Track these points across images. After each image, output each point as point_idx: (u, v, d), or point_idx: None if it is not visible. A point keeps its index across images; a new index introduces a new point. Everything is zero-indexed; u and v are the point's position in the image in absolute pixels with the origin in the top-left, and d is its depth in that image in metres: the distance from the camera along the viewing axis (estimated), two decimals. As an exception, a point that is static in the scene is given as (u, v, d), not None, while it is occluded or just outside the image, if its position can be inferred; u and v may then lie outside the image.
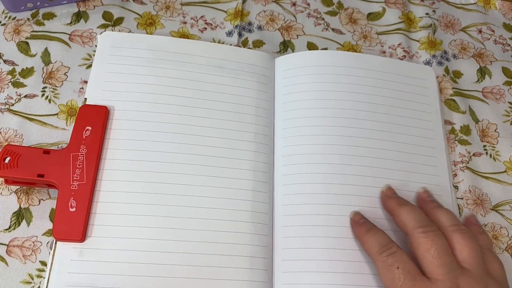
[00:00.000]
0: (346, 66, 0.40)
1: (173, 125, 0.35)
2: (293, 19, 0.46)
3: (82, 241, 0.31)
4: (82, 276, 0.30)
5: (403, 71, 0.41)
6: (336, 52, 0.43)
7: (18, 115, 0.36)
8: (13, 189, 0.34)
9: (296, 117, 0.37)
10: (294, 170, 0.35)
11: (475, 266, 0.29)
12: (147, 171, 0.34)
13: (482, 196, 0.39)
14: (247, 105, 0.37)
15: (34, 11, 0.41)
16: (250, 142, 0.36)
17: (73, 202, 0.31)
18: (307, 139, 0.36)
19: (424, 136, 0.39)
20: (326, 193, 0.35)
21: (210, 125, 0.36)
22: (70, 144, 0.33)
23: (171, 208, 0.33)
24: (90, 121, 0.34)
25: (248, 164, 0.35)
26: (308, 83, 0.39)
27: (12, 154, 0.32)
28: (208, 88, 0.37)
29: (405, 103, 0.40)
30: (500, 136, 0.42)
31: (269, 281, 0.33)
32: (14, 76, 0.38)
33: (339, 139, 0.37)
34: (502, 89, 0.45)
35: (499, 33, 0.49)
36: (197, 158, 0.35)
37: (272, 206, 0.35)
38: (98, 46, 0.38)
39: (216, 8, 0.45)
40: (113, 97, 0.36)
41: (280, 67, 0.40)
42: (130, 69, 0.37)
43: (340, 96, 0.38)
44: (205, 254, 0.32)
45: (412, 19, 0.48)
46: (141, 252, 0.31)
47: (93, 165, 0.33)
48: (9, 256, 0.32)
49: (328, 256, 0.33)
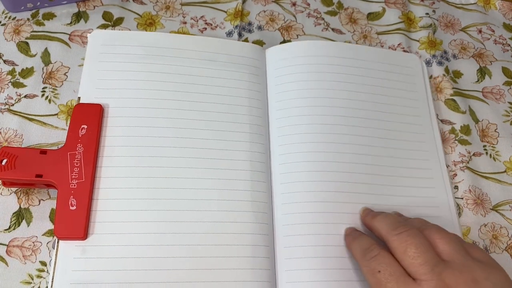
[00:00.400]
0: (336, 56, 0.41)
1: (168, 119, 0.36)
2: (293, 19, 0.46)
3: (84, 239, 0.31)
4: (86, 273, 0.30)
5: (392, 60, 0.42)
6: (326, 42, 0.44)
7: (18, 115, 0.36)
8: (13, 189, 0.34)
9: (289, 107, 0.38)
10: (290, 159, 0.36)
11: (456, 254, 0.28)
12: (144, 167, 0.34)
13: (482, 196, 0.39)
14: (240, 96, 0.38)
15: (34, 11, 0.41)
16: (246, 133, 0.36)
17: (73, 200, 0.31)
18: (302, 128, 0.37)
19: (412, 123, 0.40)
20: (322, 181, 0.35)
21: (205, 118, 0.36)
22: (66, 143, 0.33)
23: (170, 201, 0.33)
24: (86, 119, 0.34)
25: (245, 155, 0.35)
26: (300, 73, 0.39)
27: (9, 156, 0.32)
28: (201, 81, 0.38)
29: (394, 91, 0.41)
30: (500, 136, 0.42)
31: (272, 267, 0.33)
32: (14, 76, 0.38)
33: (333, 128, 0.37)
34: (502, 89, 0.45)
35: (499, 33, 0.49)
36: (194, 151, 0.35)
37: (271, 195, 0.35)
38: (89, 45, 0.38)
39: (216, 8, 0.45)
40: (106, 95, 0.36)
41: (271, 58, 0.41)
42: (122, 66, 0.37)
43: (331, 86, 0.39)
44: (207, 245, 0.32)
45: (412, 19, 0.48)
46: (143, 247, 0.32)
47: (90, 163, 0.33)
48: (9, 256, 0.32)
49: (326, 242, 0.33)
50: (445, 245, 0.28)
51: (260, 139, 0.37)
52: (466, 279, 0.27)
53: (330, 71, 0.40)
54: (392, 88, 0.41)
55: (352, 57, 0.41)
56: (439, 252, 0.28)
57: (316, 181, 0.35)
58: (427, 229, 0.30)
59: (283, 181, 0.35)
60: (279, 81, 0.39)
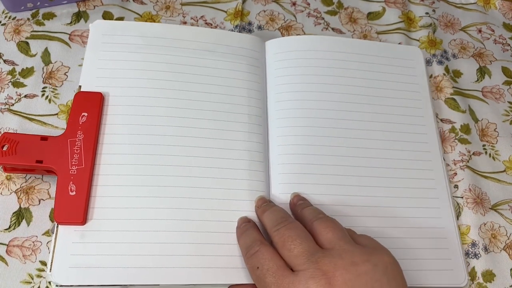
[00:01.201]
0: (336, 50, 0.41)
1: (167, 108, 0.36)
2: (293, 18, 0.46)
3: (83, 224, 0.31)
4: (85, 258, 0.31)
5: (393, 53, 0.43)
6: (326, 36, 0.44)
7: (18, 115, 0.37)
8: (13, 189, 0.34)
9: (288, 99, 0.38)
10: (288, 150, 0.36)
11: (339, 241, 0.28)
12: (144, 154, 0.34)
13: (482, 195, 0.39)
14: (239, 87, 0.38)
15: (34, 11, 0.41)
16: (244, 123, 0.37)
17: (73, 186, 0.32)
18: (301, 121, 0.37)
19: (414, 115, 0.40)
20: (320, 174, 0.36)
21: (204, 108, 0.37)
22: (67, 130, 0.34)
23: (169, 188, 0.33)
24: (86, 107, 0.35)
25: (243, 145, 0.36)
26: (300, 66, 0.40)
27: (10, 141, 0.32)
28: (200, 71, 0.38)
29: (395, 84, 0.41)
30: (500, 136, 0.42)
31: None
32: (14, 76, 0.38)
33: (332, 121, 0.38)
34: (502, 88, 0.45)
35: (499, 33, 0.49)
36: (193, 140, 0.35)
37: (269, 184, 0.36)
38: (90, 35, 0.38)
39: (216, 8, 0.45)
40: (107, 84, 0.36)
41: (271, 50, 0.41)
42: (122, 56, 0.37)
43: (331, 79, 0.40)
44: (205, 232, 0.33)
45: (412, 18, 0.48)
46: (141, 232, 0.32)
47: (90, 149, 0.33)
48: (9, 256, 0.32)
49: None
50: (329, 233, 0.28)
51: (259, 130, 0.37)
52: (345, 263, 0.26)
53: (330, 65, 0.40)
54: (394, 82, 0.41)
55: (352, 51, 0.41)
56: (321, 241, 0.28)
57: (314, 174, 0.36)
58: (316, 220, 0.30)
59: (281, 172, 0.36)
60: (278, 73, 0.40)
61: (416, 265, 0.34)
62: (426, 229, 0.35)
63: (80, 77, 0.36)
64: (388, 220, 0.35)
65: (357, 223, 0.34)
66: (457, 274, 0.35)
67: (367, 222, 0.35)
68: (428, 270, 0.34)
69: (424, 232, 0.35)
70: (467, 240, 0.37)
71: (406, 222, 0.35)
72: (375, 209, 0.35)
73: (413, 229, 0.35)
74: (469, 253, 0.37)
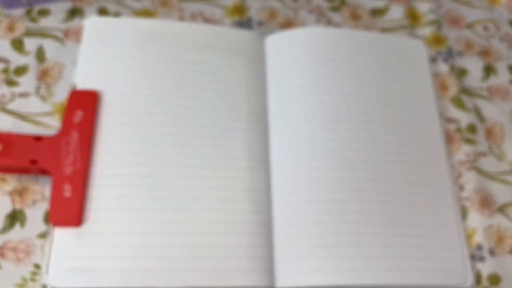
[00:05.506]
0: (338, 43, 0.40)
1: (165, 106, 0.35)
2: (294, 14, 0.45)
3: (79, 226, 0.31)
4: (82, 260, 0.30)
5: (394, 46, 0.42)
6: (327, 29, 0.43)
7: (11, 114, 0.36)
8: (6, 190, 0.33)
9: (290, 95, 0.38)
10: (290, 147, 0.36)
11: None
12: (140, 154, 0.34)
13: (488, 197, 0.38)
14: (239, 84, 0.37)
15: (29, 7, 0.40)
16: (244, 121, 0.36)
17: (68, 187, 0.31)
18: (302, 117, 0.37)
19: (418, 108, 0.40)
20: (323, 169, 0.35)
21: (203, 105, 0.36)
22: (61, 130, 0.33)
23: (166, 189, 0.33)
24: (81, 106, 0.34)
25: (243, 143, 0.35)
26: (300, 61, 0.39)
27: (3, 141, 0.32)
28: (198, 68, 0.37)
29: (398, 77, 0.40)
30: (506, 136, 0.41)
31: (269, 258, 0.33)
32: (7, 74, 0.37)
33: (335, 117, 0.37)
34: (508, 87, 0.44)
35: (505, 30, 0.48)
36: (191, 139, 0.35)
37: (270, 183, 0.35)
38: (85, 32, 0.38)
39: (214, 3, 0.44)
40: (103, 81, 0.36)
41: (271, 46, 0.40)
42: (118, 53, 0.37)
43: (333, 73, 0.39)
44: (203, 233, 0.32)
45: (416, 15, 0.48)
46: (138, 234, 0.31)
47: (86, 149, 0.33)
48: (2, 259, 0.31)
49: (328, 231, 0.33)
50: None
51: (259, 127, 0.36)
52: None
53: (332, 58, 0.39)
54: (397, 74, 0.40)
55: (354, 43, 0.40)
56: None
57: (316, 170, 0.35)
58: None
59: (282, 170, 0.35)
60: (279, 69, 0.39)
61: (420, 264, 0.34)
62: (430, 228, 0.35)
63: (75, 75, 0.36)
64: (393, 217, 0.35)
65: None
66: (462, 274, 0.34)
67: (371, 217, 0.34)
68: (432, 270, 0.34)
69: (427, 231, 0.35)
70: (472, 243, 0.36)
71: (410, 221, 0.35)
72: (379, 206, 0.35)
73: (417, 227, 0.35)
74: (474, 257, 0.36)
